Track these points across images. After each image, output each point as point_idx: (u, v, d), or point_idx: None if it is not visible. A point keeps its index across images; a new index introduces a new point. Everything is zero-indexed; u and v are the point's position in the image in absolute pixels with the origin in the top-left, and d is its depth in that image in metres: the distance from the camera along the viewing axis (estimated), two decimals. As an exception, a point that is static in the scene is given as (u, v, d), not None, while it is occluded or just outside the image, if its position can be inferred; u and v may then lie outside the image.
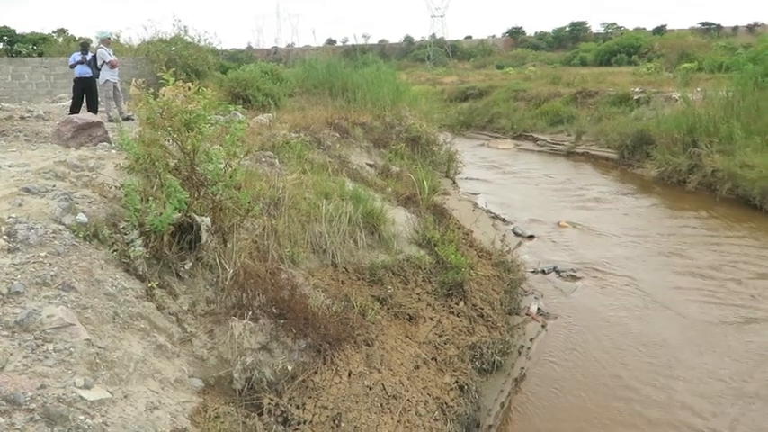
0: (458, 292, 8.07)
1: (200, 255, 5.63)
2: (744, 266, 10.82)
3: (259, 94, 16.17)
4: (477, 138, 28.69)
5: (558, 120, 26.65)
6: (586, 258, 11.52)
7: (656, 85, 25.61)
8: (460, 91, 36.45)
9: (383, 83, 18.23)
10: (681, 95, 19.92)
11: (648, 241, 12.53)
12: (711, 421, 6.55)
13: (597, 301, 9.68)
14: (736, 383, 7.23)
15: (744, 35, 62.11)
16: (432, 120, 18.82)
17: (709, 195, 15.76)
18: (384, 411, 5.37)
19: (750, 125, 16.03)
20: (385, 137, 14.61)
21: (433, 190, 10.60)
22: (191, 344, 4.97)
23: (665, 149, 17.91)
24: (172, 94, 5.85)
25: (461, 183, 17.55)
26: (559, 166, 21.78)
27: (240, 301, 5.42)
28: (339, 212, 7.76)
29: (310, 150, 10.54)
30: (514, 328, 8.40)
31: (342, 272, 7.26)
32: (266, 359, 5.13)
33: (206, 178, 5.83)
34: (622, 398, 7.06)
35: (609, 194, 16.95)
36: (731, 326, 8.64)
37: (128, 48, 23.75)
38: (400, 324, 7.05)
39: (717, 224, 13.57)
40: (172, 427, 3.85)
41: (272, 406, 4.79)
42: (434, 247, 8.65)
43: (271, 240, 6.65)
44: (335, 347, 5.64)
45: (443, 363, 6.75)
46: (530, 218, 14.39)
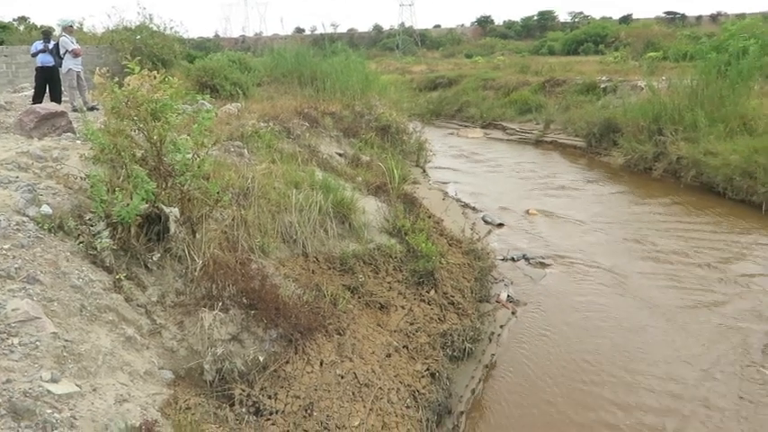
0: (429, 281, 8.10)
1: (169, 246, 5.57)
2: (708, 251, 11.04)
3: (227, 84, 16.00)
4: (447, 126, 28.76)
5: (526, 108, 26.82)
6: (555, 245, 11.66)
7: (622, 74, 25.90)
8: (430, 80, 36.47)
9: (352, 72, 18.16)
10: (646, 84, 20.18)
11: (615, 228, 12.71)
12: (675, 402, 6.71)
13: (566, 288, 9.81)
14: (699, 365, 7.41)
15: (707, 24, 63.05)
16: (401, 109, 18.81)
17: (675, 182, 16.04)
18: (356, 400, 5.39)
19: (713, 113, 16.32)
20: (355, 126, 14.56)
21: (403, 179, 10.61)
22: (160, 336, 4.93)
23: (632, 137, 18.17)
24: (137, 83, 5.76)
25: (431, 171, 17.58)
26: (528, 154, 21.95)
27: (210, 292, 5.38)
28: (309, 202, 7.73)
29: (279, 140, 10.46)
30: (485, 316, 8.47)
31: (312, 261, 7.24)
32: (237, 350, 5.11)
33: (173, 168, 5.76)
34: (590, 381, 7.19)
35: (577, 182, 17.14)
36: (695, 309, 8.82)
37: (91, 36, 23.26)
38: (372, 313, 7.06)
39: (682, 210, 13.82)
40: (142, 420, 3.82)
41: (244, 396, 4.78)
42: (405, 235, 8.67)
43: (240, 231, 6.60)
44: (307, 337, 5.64)
45: (415, 351, 6.79)
46: (499, 206, 14.49)
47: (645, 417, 6.50)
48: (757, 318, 8.47)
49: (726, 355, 7.59)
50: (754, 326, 8.25)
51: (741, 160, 14.05)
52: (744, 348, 7.72)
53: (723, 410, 6.53)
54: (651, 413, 6.56)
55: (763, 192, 13.20)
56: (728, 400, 6.71)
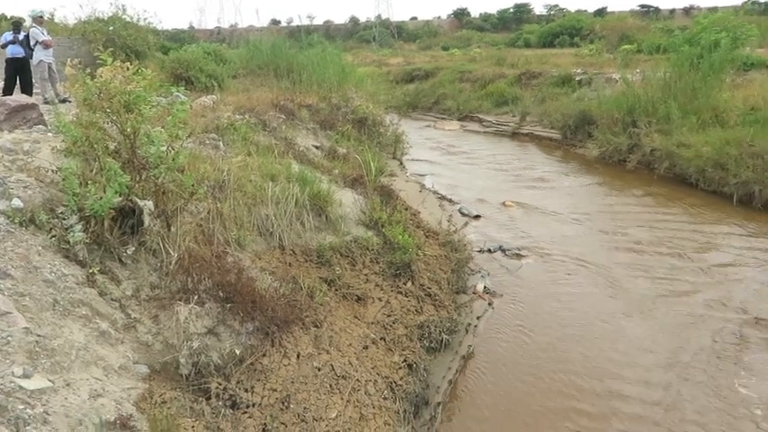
0: (406, 273, 8.13)
1: (143, 239, 5.51)
2: (680, 242, 11.21)
3: (202, 76, 15.84)
4: (424, 119, 28.78)
5: (502, 101, 26.91)
6: (531, 237, 11.75)
7: (597, 67, 26.10)
8: (406, 72, 36.40)
9: (329, 64, 18.05)
10: (621, 76, 20.35)
11: (590, 219, 12.85)
12: (646, 389, 6.85)
13: (541, 279, 9.91)
14: (671, 353, 7.56)
15: (680, 18, 63.63)
16: (378, 101, 18.75)
17: (649, 174, 16.23)
18: (333, 392, 5.40)
19: (686, 105, 16.52)
20: (331, 118, 14.50)
21: (379, 171, 10.60)
22: (135, 330, 4.88)
23: (606, 129, 18.33)
24: (110, 75, 5.68)
25: (408, 164, 17.60)
26: (505, 146, 22.06)
27: (185, 286, 5.34)
28: (286, 194, 7.70)
29: (255, 132, 10.39)
30: (462, 307, 8.52)
31: (289, 254, 7.21)
32: (213, 343, 5.08)
33: (148, 161, 5.69)
34: (564, 370, 7.29)
35: (553, 174, 17.27)
36: (668, 298, 8.96)
37: (63, 27, 22.87)
38: (349, 305, 7.07)
39: (655, 202, 14.00)
40: (117, 415, 3.79)
41: (220, 390, 4.76)
42: (382, 227, 8.67)
43: (216, 224, 6.55)
44: (284, 330, 5.63)
45: (392, 342, 6.81)
46: (476, 198, 14.56)
47: (617, 403, 6.63)
48: (728, 307, 8.62)
49: (697, 343, 7.74)
50: (724, 314, 8.41)
51: (713, 152, 14.26)
52: (714, 337, 7.87)
53: (693, 397, 6.67)
54: (623, 400, 6.69)
55: (734, 183, 13.41)
56: (699, 387, 6.85)
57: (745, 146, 13.74)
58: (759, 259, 10.29)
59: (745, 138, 13.96)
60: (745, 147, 13.72)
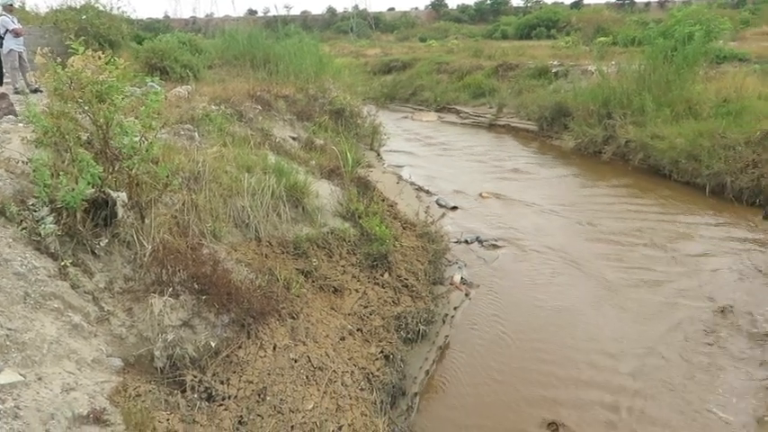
0: (382, 264, 8.13)
1: (117, 231, 5.45)
2: (654, 232, 11.34)
3: (177, 66, 15.64)
4: (401, 110, 28.75)
5: (480, 92, 26.95)
6: (508, 228, 11.82)
7: (573, 59, 26.23)
8: (384, 63, 36.33)
9: (306, 55, 17.94)
10: (596, 68, 20.48)
11: (566, 210, 12.95)
12: (620, 378, 6.96)
13: (518, 269, 9.98)
14: (644, 341, 7.67)
15: (655, 10, 64.15)
16: (355, 92, 18.69)
17: (623, 165, 16.38)
18: (310, 383, 5.39)
19: (660, 97, 16.67)
20: (308, 109, 14.43)
21: (357, 162, 10.58)
22: (108, 323, 4.83)
23: (582, 121, 18.46)
24: (81, 64, 5.59)
25: (386, 155, 17.59)
26: (482, 137, 22.12)
27: (160, 278, 5.29)
28: (262, 186, 7.65)
29: (231, 123, 10.30)
30: (439, 298, 8.56)
31: (265, 246, 7.18)
32: (188, 335, 5.04)
33: (121, 152, 5.62)
34: (540, 359, 7.37)
35: (529, 165, 17.36)
36: (642, 288, 9.08)
37: (34, 16, 22.40)
38: (325, 296, 7.06)
39: (630, 193, 14.14)
40: (90, 409, 3.76)
41: (196, 382, 4.73)
42: (359, 219, 8.66)
43: (191, 215, 6.50)
44: (260, 321, 5.61)
45: (369, 333, 6.82)
46: (453, 189, 14.60)
47: (591, 392, 6.72)
48: (700, 296, 8.76)
49: (670, 331, 7.86)
50: (695, 303, 8.54)
51: (686, 143, 14.43)
52: (687, 325, 7.99)
53: (665, 384, 6.78)
54: (597, 388, 6.78)
55: (706, 174, 13.58)
56: (671, 374, 6.96)
57: (718, 137, 13.93)
58: (730, 249, 10.45)
59: (718, 129, 14.14)
60: (718, 138, 13.91)
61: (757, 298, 8.62)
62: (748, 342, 7.58)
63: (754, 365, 7.08)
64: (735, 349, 7.43)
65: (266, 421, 4.75)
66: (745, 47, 23.30)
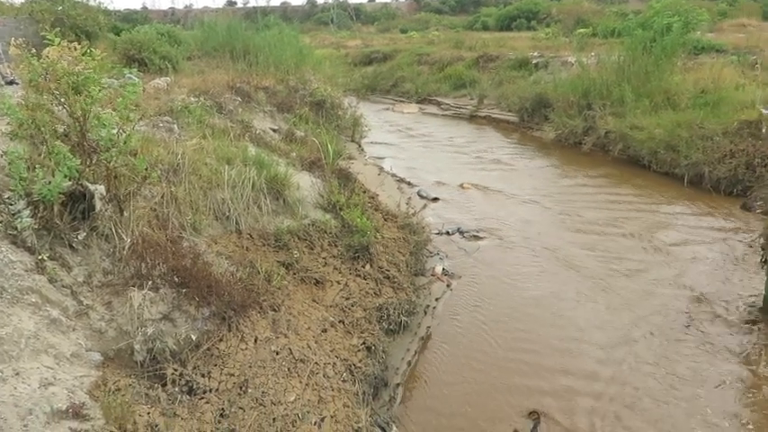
0: (364, 255, 8.13)
1: (95, 224, 5.39)
2: (633, 222, 11.45)
3: (156, 57, 15.48)
4: (382, 102, 28.71)
5: (460, 84, 26.97)
6: (489, 219, 11.86)
7: (553, 50, 26.32)
8: (365, 55, 36.23)
9: (286, 46, 17.83)
10: (576, 60, 20.59)
11: (547, 200, 13.02)
12: (600, 366, 7.02)
13: (499, 260, 10.02)
14: (623, 330, 7.75)
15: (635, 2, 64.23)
16: (336, 84, 18.61)
17: (603, 156, 16.49)
18: (292, 375, 5.39)
19: (639, 88, 16.79)
20: (289, 101, 14.35)
21: (338, 154, 10.55)
22: (87, 317, 4.79)
23: (562, 112, 18.55)
24: (56, 55, 5.51)
25: (367, 147, 17.56)
26: (463, 129, 22.14)
27: (139, 271, 5.25)
28: (242, 178, 7.60)
29: (211, 115, 10.23)
30: (420, 289, 8.58)
31: (246, 238, 7.15)
32: (168, 329, 5.01)
33: (98, 144, 5.55)
34: (521, 349, 7.43)
35: (510, 156, 17.42)
36: (622, 277, 9.16)
37: (9, 7, 22.08)
38: (307, 288, 7.05)
39: (610, 183, 14.25)
40: (69, 403, 3.73)
41: (176, 376, 4.71)
42: (340, 211, 8.65)
43: (171, 208, 6.45)
44: (241, 314, 5.59)
45: (351, 325, 6.82)
46: (435, 180, 14.62)
47: (571, 380, 6.78)
48: (679, 284, 8.86)
49: (649, 320, 7.95)
50: (675, 292, 8.65)
51: (665, 134, 14.55)
52: (666, 313, 8.09)
53: (644, 372, 6.87)
54: (577, 376, 6.85)
55: (685, 164, 13.71)
56: (650, 362, 7.05)
57: (696, 128, 14.06)
58: (708, 238, 10.58)
59: (696, 120, 14.27)
60: (696, 129, 14.04)
61: (734, 286, 8.74)
62: (725, 329, 7.69)
63: (731, 352, 7.18)
64: (712, 336, 7.53)
65: (248, 414, 4.74)
66: (722, 38, 23.51)
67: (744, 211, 11.90)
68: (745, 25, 27.92)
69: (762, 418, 6.09)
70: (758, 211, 11.27)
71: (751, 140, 13.19)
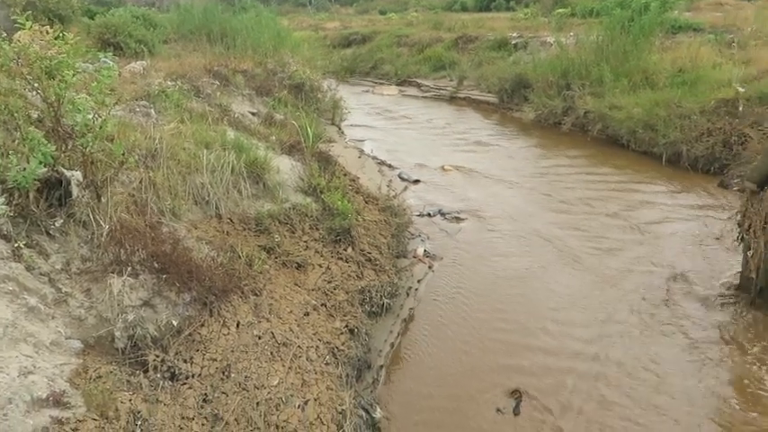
0: (345, 238, 8.12)
1: (72, 211, 5.32)
2: (613, 201, 11.56)
3: (131, 41, 15.22)
4: (362, 84, 28.57)
5: (440, 65, 26.91)
6: (470, 200, 11.90)
7: (532, 30, 26.32)
8: (344, 37, 35.98)
9: (264, 28, 17.64)
10: (555, 40, 20.60)
11: (527, 181, 13.09)
12: (580, 344, 7.11)
13: (480, 241, 10.07)
14: (603, 308, 7.84)
15: (613, -19, 64.64)
16: (315, 66, 18.47)
17: (583, 135, 16.58)
18: (275, 359, 5.38)
19: (618, 68, 16.87)
20: (267, 84, 14.21)
21: (317, 137, 10.49)
22: (66, 304, 4.73)
23: (542, 93, 18.59)
24: (28, 39, 5.40)
25: (347, 129, 17.48)
26: (443, 110, 22.12)
27: (118, 258, 5.20)
28: (221, 162, 7.53)
29: (188, 99, 10.10)
30: (402, 271, 8.61)
31: (226, 223, 7.11)
32: (149, 315, 4.98)
33: (73, 130, 5.47)
34: (502, 329, 7.49)
35: (490, 138, 17.45)
36: (601, 256, 9.26)
37: (-22, -9, 21.63)
38: (289, 272, 7.03)
39: (589, 162, 14.35)
40: (49, 392, 3.70)
41: (158, 362, 4.68)
42: (321, 194, 8.62)
43: (149, 193, 6.38)
44: (222, 299, 5.57)
45: (333, 308, 6.83)
46: (416, 162, 14.61)
47: (553, 359, 6.85)
48: (657, 262, 8.97)
49: (628, 298, 8.04)
50: (654, 269, 8.76)
51: (643, 113, 14.64)
52: (644, 291, 8.20)
53: (623, 350, 6.96)
54: (559, 355, 6.92)
55: (663, 143, 13.82)
56: (629, 339, 7.15)
57: (674, 107, 14.17)
58: (686, 216, 10.71)
59: (673, 99, 14.38)
60: (674, 108, 14.15)
61: (712, 264, 8.86)
62: (703, 306, 7.80)
63: (708, 330, 7.30)
64: (690, 313, 7.64)
65: (231, 398, 4.73)
66: (699, 17, 23.65)
67: (721, 189, 12.04)
68: (722, 4, 28.05)
69: (737, 393, 6.22)
70: (735, 188, 11.40)
71: (728, 119, 13.32)
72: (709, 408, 6.00)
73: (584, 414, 5.98)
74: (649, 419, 5.87)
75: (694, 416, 5.90)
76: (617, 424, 5.82)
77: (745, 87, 13.68)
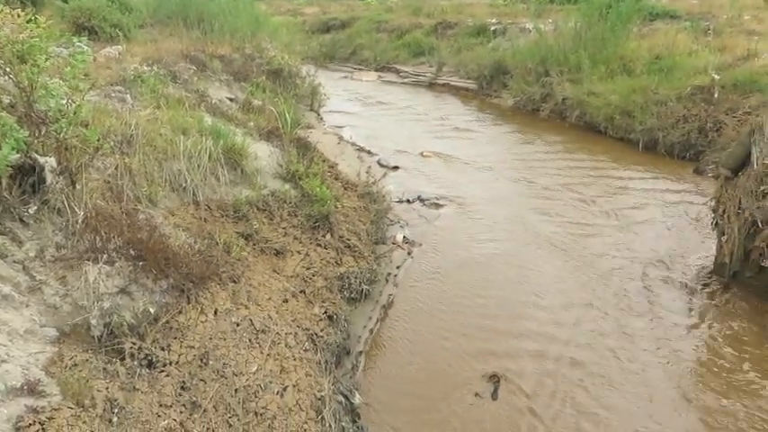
0: (324, 225, 8.10)
1: (46, 198, 5.24)
2: (590, 187, 11.66)
3: (106, 25, 14.96)
4: (341, 70, 28.41)
5: (419, 51, 26.84)
6: (449, 186, 11.93)
7: (511, 17, 26.33)
8: (322, 22, 35.68)
9: (241, 13, 17.45)
10: (534, 26, 20.64)
11: (506, 167, 13.14)
12: (554, 329, 7.21)
13: (459, 227, 10.11)
14: (578, 293, 7.94)
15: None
16: (294, 52, 18.33)
17: (561, 122, 16.68)
18: (253, 346, 5.37)
19: (596, 55, 16.96)
20: (245, 69, 14.08)
21: (296, 123, 10.42)
22: (41, 292, 4.67)
23: (521, 79, 18.65)
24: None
25: (326, 115, 17.40)
26: (422, 97, 22.09)
27: (94, 245, 5.14)
28: (198, 148, 7.45)
29: (165, 84, 9.97)
30: (381, 257, 8.61)
31: (204, 209, 7.05)
32: (126, 303, 4.94)
33: (47, 115, 5.38)
34: (480, 314, 7.54)
35: (469, 124, 17.48)
36: (578, 241, 9.35)
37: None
38: (267, 259, 7.00)
39: (567, 149, 14.44)
40: (23, 380, 3.66)
41: (135, 350, 4.64)
42: (299, 180, 8.58)
43: (125, 180, 6.30)
44: (200, 286, 5.53)
45: (312, 295, 6.82)
46: (395, 149, 14.58)
47: (531, 344, 6.93)
48: (634, 248, 9.09)
49: (606, 283, 8.14)
50: (630, 254, 8.87)
51: (620, 100, 14.77)
52: (621, 276, 8.31)
53: (599, 334, 7.07)
54: (537, 340, 7.00)
55: (640, 130, 13.97)
56: (604, 324, 7.26)
57: (650, 94, 14.31)
58: (663, 201, 10.84)
59: (650, 86, 14.52)
60: (650, 94, 14.29)
61: (687, 248, 9.00)
62: (678, 290, 7.92)
63: (683, 312, 7.42)
64: (665, 296, 7.76)
65: (209, 386, 4.72)
66: (676, 4, 23.80)
67: (696, 175, 12.20)
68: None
69: (709, 373, 6.34)
70: (710, 174, 11.55)
71: (703, 105, 13.48)
72: (684, 388, 6.11)
73: (560, 398, 6.05)
74: (624, 402, 5.96)
75: (668, 397, 6.00)
76: (593, 407, 5.90)
77: (721, 74, 13.82)
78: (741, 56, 14.85)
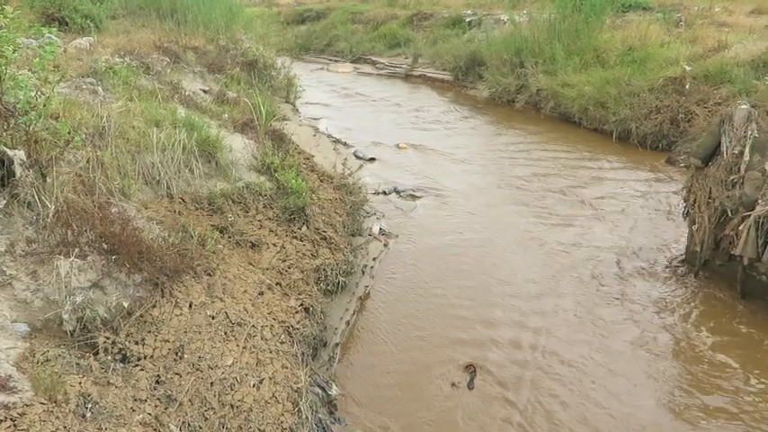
0: (300, 217, 8.08)
1: (16, 192, 5.16)
2: (565, 178, 11.77)
3: (77, 16, 14.71)
4: (317, 61, 28.28)
5: (395, 43, 26.78)
6: (425, 178, 11.96)
7: (486, 8, 26.34)
8: (297, 13, 35.42)
9: (215, 4, 17.28)
10: (509, 18, 20.70)
11: (482, 158, 13.21)
12: (529, 318, 7.31)
13: (435, 218, 10.15)
14: (552, 283, 8.05)
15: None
16: (269, 43, 18.22)
17: (536, 113, 16.79)
18: (228, 339, 5.36)
19: (570, 46, 17.06)
20: (219, 61, 13.95)
21: (271, 115, 10.36)
22: (11, 287, 4.61)
23: (496, 71, 18.70)
24: (-36, 13, 5.19)
25: (302, 107, 17.33)
26: (398, 88, 22.07)
27: (65, 239, 5.08)
28: (172, 141, 7.37)
29: (138, 76, 9.85)
30: (358, 249, 8.61)
31: (178, 202, 6.99)
32: (99, 297, 4.89)
33: (15, 107, 5.29)
34: (456, 305, 7.60)
35: (445, 115, 17.51)
36: (551, 231, 9.46)
37: None
38: (243, 252, 6.97)
39: (542, 140, 14.54)
40: (-6, 376, 3.61)
41: (109, 344, 4.61)
42: (274, 172, 8.53)
43: (97, 173, 6.21)
44: (174, 280, 5.49)
45: (288, 287, 6.80)
46: (371, 141, 14.58)
47: (507, 333, 7.01)
48: (607, 237, 9.21)
49: (579, 272, 8.25)
50: (604, 244, 8.99)
51: (594, 91, 14.88)
52: (594, 265, 8.41)
53: (573, 323, 7.17)
54: (512, 330, 7.08)
55: (613, 120, 14.09)
56: (578, 313, 7.37)
57: (623, 85, 14.43)
58: (635, 192, 10.97)
59: (623, 77, 14.64)
60: (623, 86, 14.41)
61: (659, 237, 9.13)
62: (650, 277, 8.05)
63: (655, 300, 7.53)
64: (638, 284, 7.88)
65: (185, 379, 4.70)
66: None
67: (668, 165, 12.35)
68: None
69: (677, 357, 6.46)
70: (681, 165, 11.70)
71: (675, 96, 13.62)
72: (654, 374, 6.21)
73: (535, 386, 6.13)
74: (597, 389, 6.04)
75: (639, 383, 6.10)
76: (566, 395, 5.98)
77: (692, 66, 13.98)
78: (712, 47, 15.02)
